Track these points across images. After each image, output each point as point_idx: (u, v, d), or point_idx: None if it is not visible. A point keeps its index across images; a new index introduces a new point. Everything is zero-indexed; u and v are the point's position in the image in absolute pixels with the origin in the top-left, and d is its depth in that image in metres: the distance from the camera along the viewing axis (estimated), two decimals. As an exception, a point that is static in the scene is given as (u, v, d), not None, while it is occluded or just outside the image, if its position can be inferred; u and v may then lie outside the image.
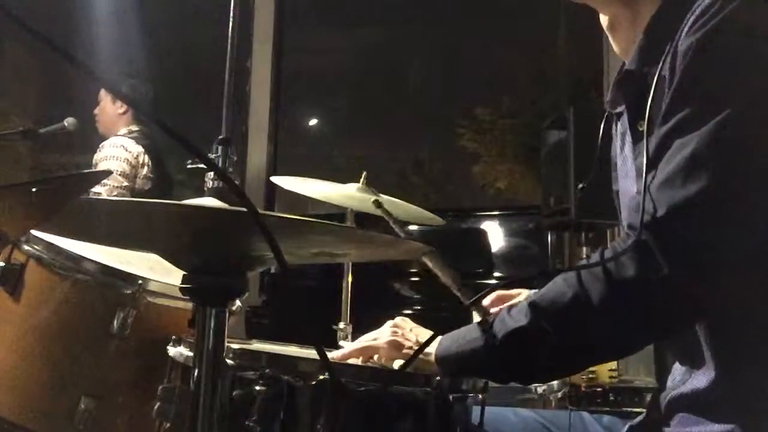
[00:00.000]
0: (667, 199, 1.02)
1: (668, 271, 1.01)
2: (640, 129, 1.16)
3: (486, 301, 1.36)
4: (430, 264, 1.52)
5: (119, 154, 3.67)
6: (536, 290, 1.17)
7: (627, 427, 1.28)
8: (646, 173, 1.05)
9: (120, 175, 3.61)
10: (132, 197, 3.58)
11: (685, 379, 1.14)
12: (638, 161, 1.17)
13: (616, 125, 1.30)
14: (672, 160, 1.03)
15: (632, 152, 1.20)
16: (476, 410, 1.17)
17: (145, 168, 3.72)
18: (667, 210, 1.02)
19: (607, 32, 1.27)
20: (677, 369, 1.19)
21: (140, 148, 3.72)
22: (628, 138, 1.22)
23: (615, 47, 1.27)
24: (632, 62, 1.19)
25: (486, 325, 1.14)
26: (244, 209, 0.76)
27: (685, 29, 1.07)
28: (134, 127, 3.80)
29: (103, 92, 3.88)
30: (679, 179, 1.02)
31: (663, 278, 1.01)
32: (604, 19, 1.27)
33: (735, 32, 1.05)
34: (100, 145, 3.74)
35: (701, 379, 1.10)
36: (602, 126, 1.33)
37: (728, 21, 1.04)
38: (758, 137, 1.03)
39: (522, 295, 1.38)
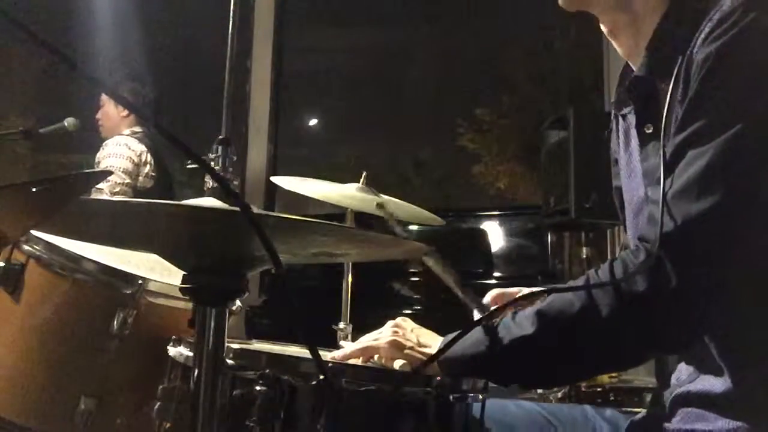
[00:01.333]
0: (682, 212, 1.02)
1: (679, 285, 1.00)
2: (648, 132, 1.16)
3: (486, 299, 1.36)
4: (430, 265, 1.52)
5: (122, 152, 3.68)
6: (534, 288, 1.16)
7: (629, 422, 1.28)
8: (663, 182, 1.04)
9: (123, 172, 3.62)
10: (134, 196, 3.60)
11: (693, 378, 1.14)
12: (645, 164, 1.17)
13: (618, 123, 1.30)
14: (686, 172, 1.03)
15: (639, 153, 1.20)
16: (477, 407, 1.17)
17: (148, 166, 3.74)
18: (681, 224, 1.01)
19: (608, 37, 1.27)
20: (683, 367, 1.19)
21: (143, 147, 3.73)
22: (634, 138, 1.22)
23: (619, 51, 1.27)
24: (642, 67, 1.18)
25: (485, 330, 1.14)
26: (231, 209, 0.76)
27: (701, 37, 1.06)
28: (137, 129, 3.81)
29: (105, 96, 3.90)
30: (694, 192, 1.01)
31: (673, 291, 1.01)
32: (604, 27, 1.27)
33: (754, 43, 1.05)
34: (104, 143, 3.75)
35: (711, 380, 1.10)
36: (610, 127, 1.33)
37: (747, 31, 1.04)
38: None
39: (522, 291, 1.38)
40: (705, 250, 1.03)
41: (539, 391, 2.17)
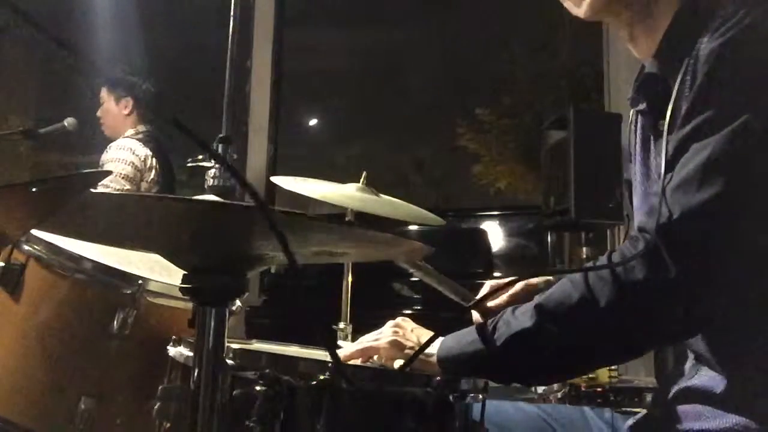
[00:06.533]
0: (681, 203, 1.02)
1: (677, 275, 1.00)
2: (661, 129, 1.17)
3: (483, 292, 1.36)
4: (425, 279, 1.53)
5: (125, 156, 3.57)
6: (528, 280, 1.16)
7: (629, 424, 1.28)
8: (663, 176, 1.05)
9: (122, 178, 3.52)
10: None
11: (692, 374, 1.14)
12: (657, 160, 1.18)
13: (637, 120, 1.30)
14: (688, 164, 1.04)
15: (655, 149, 1.20)
16: (477, 407, 1.17)
17: (152, 172, 3.63)
18: (681, 214, 1.02)
19: (628, 46, 1.28)
20: (683, 361, 1.19)
21: (148, 151, 3.62)
22: (652, 135, 1.23)
23: (637, 54, 1.28)
24: (652, 65, 1.19)
25: (484, 327, 1.14)
26: (245, 204, 0.76)
27: (708, 34, 1.07)
28: (141, 128, 3.70)
29: (104, 93, 3.76)
30: (695, 184, 1.02)
31: (671, 282, 1.01)
32: (623, 33, 1.27)
33: (757, 39, 1.06)
34: (108, 146, 3.66)
35: (710, 373, 1.10)
36: (629, 125, 1.34)
37: (751, 28, 1.05)
38: None
39: (518, 285, 1.38)
40: (705, 240, 1.03)
41: (539, 390, 2.17)
